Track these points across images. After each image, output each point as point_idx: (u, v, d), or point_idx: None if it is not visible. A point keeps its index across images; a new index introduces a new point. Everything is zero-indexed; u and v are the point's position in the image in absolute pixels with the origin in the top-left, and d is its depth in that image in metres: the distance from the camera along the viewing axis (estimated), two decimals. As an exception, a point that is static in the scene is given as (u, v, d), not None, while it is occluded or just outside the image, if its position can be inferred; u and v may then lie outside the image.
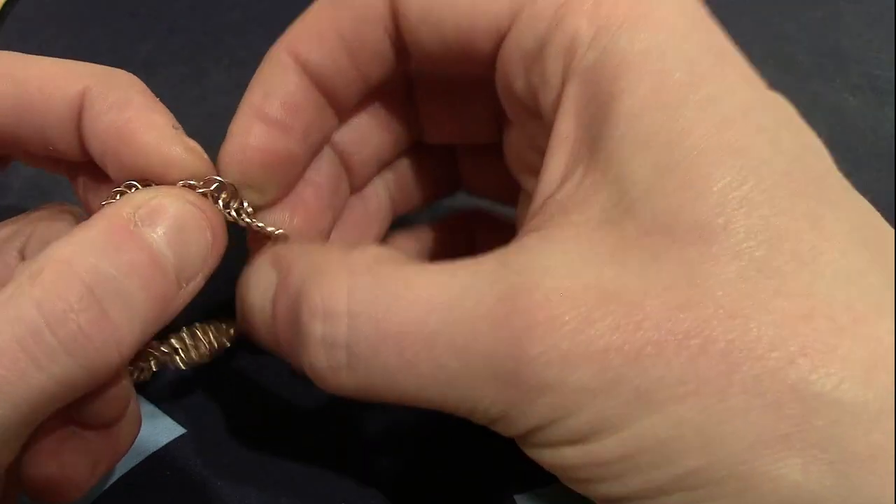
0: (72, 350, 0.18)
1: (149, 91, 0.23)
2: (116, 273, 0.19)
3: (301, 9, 0.22)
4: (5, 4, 0.41)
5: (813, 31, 0.44)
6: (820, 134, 0.19)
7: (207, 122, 0.38)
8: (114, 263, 0.19)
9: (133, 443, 0.25)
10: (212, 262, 0.22)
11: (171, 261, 0.20)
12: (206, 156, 0.22)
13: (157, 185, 0.22)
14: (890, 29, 0.44)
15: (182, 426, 0.30)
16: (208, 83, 0.38)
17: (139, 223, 0.20)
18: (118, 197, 0.22)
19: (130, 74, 0.23)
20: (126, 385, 0.23)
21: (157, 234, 0.20)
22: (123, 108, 0.22)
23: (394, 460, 0.29)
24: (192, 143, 0.22)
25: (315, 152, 0.24)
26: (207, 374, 0.30)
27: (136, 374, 0.24)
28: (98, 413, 0.23)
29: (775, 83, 0.19)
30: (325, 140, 0.25)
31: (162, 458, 0.29)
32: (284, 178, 0.23)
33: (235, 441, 0.30)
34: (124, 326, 0.19)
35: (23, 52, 0.22)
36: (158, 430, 0.30)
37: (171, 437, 0.30)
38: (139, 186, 0.22)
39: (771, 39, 0.44)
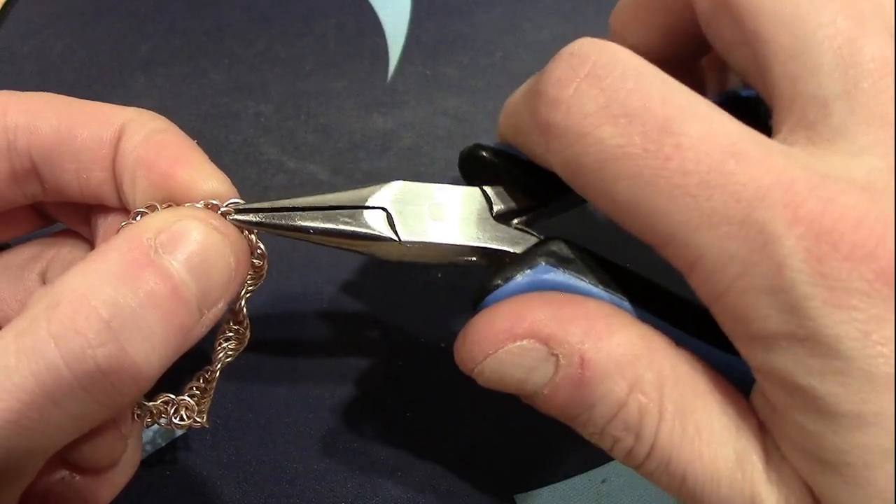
0: (89, 387, 0.18)
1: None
2: (135, 305, 0.18)
3: (300, 9, 0.22)
4: (5, 4, 0.41)
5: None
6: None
7: (207, 122, 0.38)
8: (132, 295, 0.18)
9: (125, 484, 0.24)
10: (234, 287, 0.21)
11: (192, 290, 0.19)
12: (229, 180, 0.22)
13: (178, 206, 0.21)
14: (890, 29, 0.44)
15: (182, 426, 0.30)
16: (208, 83, 0.38)
17: (159, 250, 0.19)
18: (138, 218, 0.21)
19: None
20: (126, 428, 0.23)
21: (178, 262, 0.19)
22: (160, 132, 0.22)
23: (395, 460, 0.29)
24: (218, 169, 0.22)
25: None
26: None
27: (139, 415, 0.24)
28: (94, 457, 0.22)
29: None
30: None
31: (162, 457, 0.29)
32: None
33: (235, 441, 0.30)
34: (143, 361, 0.19)
35: (23, 52, 0.22)
36: (159, 430, 0.30)
37: (172, 437, 0.30)
38: (160, 209, 0.21)
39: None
